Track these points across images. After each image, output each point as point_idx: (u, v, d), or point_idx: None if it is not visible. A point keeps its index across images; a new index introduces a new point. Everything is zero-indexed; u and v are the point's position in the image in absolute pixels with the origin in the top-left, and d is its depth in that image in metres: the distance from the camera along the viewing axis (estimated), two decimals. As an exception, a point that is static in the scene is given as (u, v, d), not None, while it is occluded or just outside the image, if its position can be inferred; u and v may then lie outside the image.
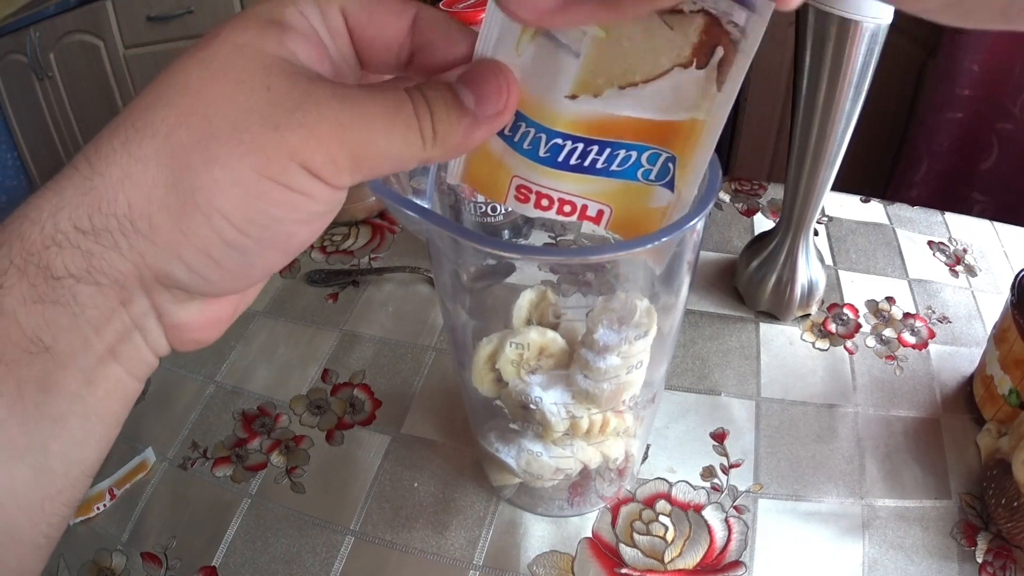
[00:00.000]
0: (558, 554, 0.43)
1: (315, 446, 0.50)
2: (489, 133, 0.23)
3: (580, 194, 0.25)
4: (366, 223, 0.68)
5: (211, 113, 0.19)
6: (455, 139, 0.22)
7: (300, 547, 0.44)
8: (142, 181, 0.19)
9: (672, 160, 0.24)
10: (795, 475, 0.47)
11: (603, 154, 0.24)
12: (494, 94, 0.22)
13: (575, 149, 0.24)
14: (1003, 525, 0.43)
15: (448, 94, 0.22)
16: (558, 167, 0.25)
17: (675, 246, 0.26)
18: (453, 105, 0.21)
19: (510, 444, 0.39)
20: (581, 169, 0.25)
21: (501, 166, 0.25)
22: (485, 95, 0.22)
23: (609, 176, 0.25)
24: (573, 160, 0.24)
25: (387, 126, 0.20)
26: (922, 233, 0.66)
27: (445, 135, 0.21)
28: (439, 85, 0.22)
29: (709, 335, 0.56)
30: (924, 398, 0.52)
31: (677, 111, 0.23)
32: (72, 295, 0.19)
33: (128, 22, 1.70)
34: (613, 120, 0.23)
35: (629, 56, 0.22)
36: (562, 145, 0.24)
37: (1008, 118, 1.05)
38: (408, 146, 0.21)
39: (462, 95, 0.22)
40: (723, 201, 0.69)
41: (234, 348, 0.57)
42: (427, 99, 0.21)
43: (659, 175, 0.24)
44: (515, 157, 0.25)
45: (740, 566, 0.42)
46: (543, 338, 0.35)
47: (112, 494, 0.48)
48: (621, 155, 0.24)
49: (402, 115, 0.21)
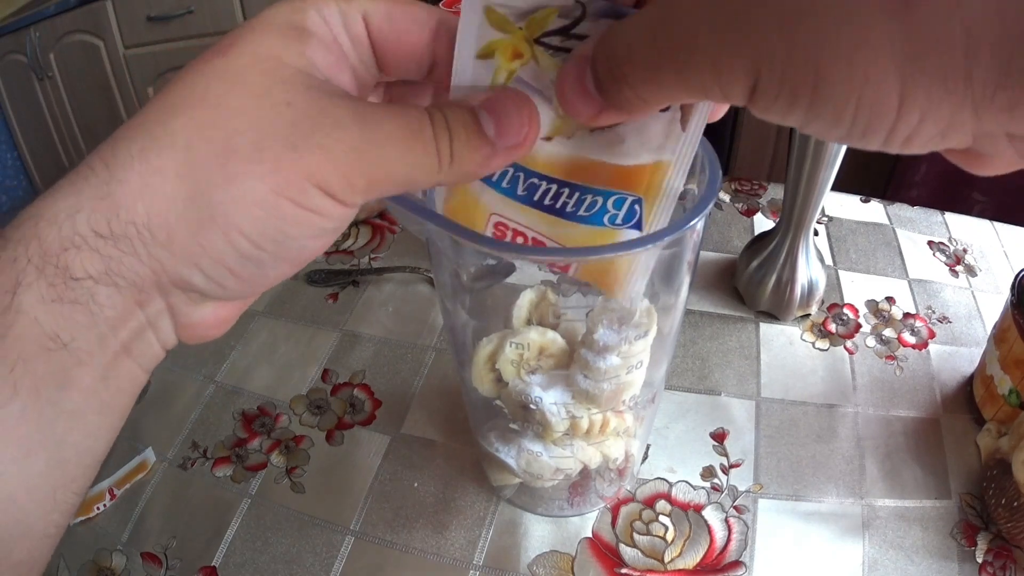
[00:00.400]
0: (558, 554, 0.43)
1: (315, 446, 0.50)
2: (505, 163, 0.23)
3: (552, 237, 0.25)
4: (366, 223, 0.68)
5: (231, 128, 0.19)
6: (471, 167, 0.22)
7: (300, 547, 0.44)
8: (161, 192, 0.19)
9: (638, 202, 0.24)
10: (795, 475, 0.47)
11: (572, 197, 0.25)
12: (516, 126, 0.22)
13: (549, 190, 0.25)
14: (1003, 525, 0.43)
15: (470, 119, 0.21)
16: (534, 206, 0.25)
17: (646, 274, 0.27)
18: (473, 132, 0.21)
19: (510, 444, 0.39)
20: (553, 211, 0.25)
21: (478, 204, 0.26)
22: (506, 126, 0.22)
23: (577, 222, 0.25)
24: (547, 200, 0.25)
25: (404, 150, 0.20)
26: (922, 233, 0.66)
27: (461, 161, 0.21)
28: (461, 110, 0.22)
29: (709, 335, 0.56)
30: (924, 398, 0.52)
31: (642, 154, 0.23)
32: (91, 295, 0.19)
33: (128, 22, 1.70)
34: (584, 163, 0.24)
35: None
36: (538, 184, 0.25)
37: (1008, 118, 1.04)
38: (423, 170, 0.21)
39: (483, 122, 0.22)
40: (723, 201, 0.69)
41: (234, 348, 0.57)
42: (448, 123, 0.21)
43: (625, 218, 0.25)
44: (493, 195, 0.25)
45: (740, 566, 0.42)
46: (543, 338, 0.35)
47: (112, 494, 0.48)
48: (588, 200, 0.25)
49: (420, 139, 0.21)
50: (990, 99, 0.13)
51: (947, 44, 0.13)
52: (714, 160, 0.29)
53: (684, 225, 0.26)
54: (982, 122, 0.14)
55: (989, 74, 0.13)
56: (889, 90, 0.14)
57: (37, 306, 0.18)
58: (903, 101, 0.14)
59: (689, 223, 0.26)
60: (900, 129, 0.14)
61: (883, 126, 0.14)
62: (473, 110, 0.22)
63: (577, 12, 0.20)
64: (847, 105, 0.14)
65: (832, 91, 0.14)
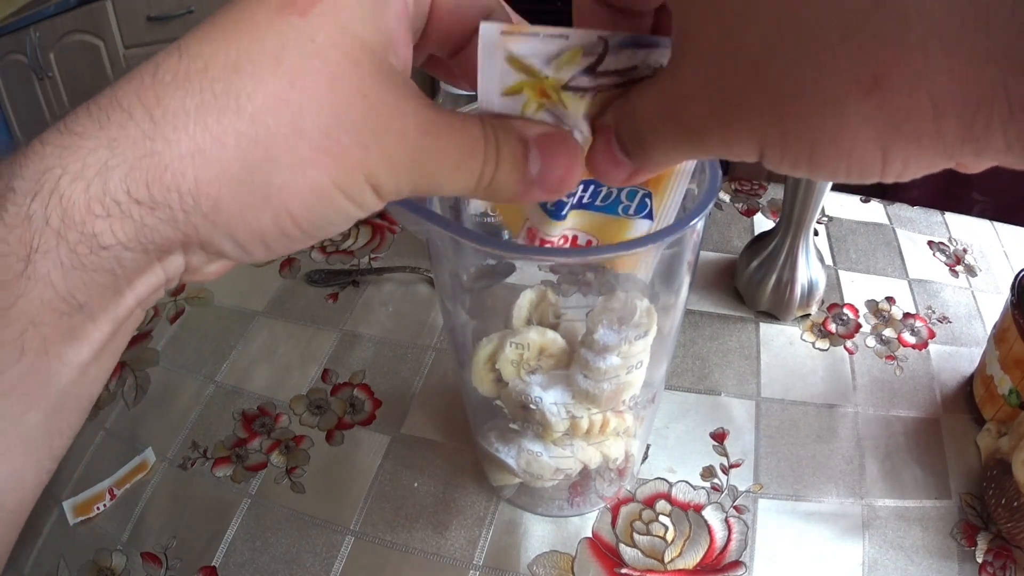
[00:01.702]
0: (558, 554, 0.43)
1: (315, 446, 0.50)
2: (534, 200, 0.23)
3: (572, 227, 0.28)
4: (366, 223, 0.68)
5: (303, 108, 0.18)
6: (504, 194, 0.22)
7: (300, 547, 0.44)
8: (216, 162, 0.17)
9: (648, 196, 0.26)
10: (795, 475, 0.47)
11: (588, 191, 0.26)
12: (560, 172, 0.22)
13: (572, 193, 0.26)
14: (1003, 525, 0.43)
15: (520, 154, 0.21)
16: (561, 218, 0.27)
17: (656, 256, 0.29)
18: (519, 167, 0.21)
19: (510, 444, 0.39)
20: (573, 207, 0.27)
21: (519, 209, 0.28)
22: (551, 170, 0.22)
23: (595, 210, 0.27)
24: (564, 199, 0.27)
25: (455, 168, 0.21)
26: (922, 233, 0.66)
27: (497, 189, 0.22)
28: (514, 141, 0.21)
29: (709, 335, 0.56)
30: (924, 398, 0.52)
31: None
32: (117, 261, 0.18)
33: (128, 22, 1.70)
34: None
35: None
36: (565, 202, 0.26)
37: (1008, 118, 1.04)
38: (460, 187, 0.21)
39: (531, 159, 0.22)
40: (723, 201, 0.69)
41: (234, 348, 0.57)
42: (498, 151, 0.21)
43: (638, 209, 0.27)
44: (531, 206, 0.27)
45: (740, 566, 0.42)
46: (543, 338, 0.35)
47: (112, 494, 0.48)
48: (603, 192, 0.26)
49: (473, 161, 0.21)
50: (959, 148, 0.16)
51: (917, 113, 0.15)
52: (714, 160, 0.29)
53: (684, 225, 0.26)
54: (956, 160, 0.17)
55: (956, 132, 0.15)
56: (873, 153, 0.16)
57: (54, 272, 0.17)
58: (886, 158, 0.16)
59: (689, 223, 0.26)
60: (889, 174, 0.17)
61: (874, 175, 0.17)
62: (526, 143, 0.22)
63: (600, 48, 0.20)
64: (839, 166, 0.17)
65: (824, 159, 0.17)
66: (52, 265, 0.17)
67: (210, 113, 0.17)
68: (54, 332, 0.18)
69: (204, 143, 0.17)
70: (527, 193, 0.22)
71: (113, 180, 0.17)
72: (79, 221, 0.17)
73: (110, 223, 0.17)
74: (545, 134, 0.22)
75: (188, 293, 0.62)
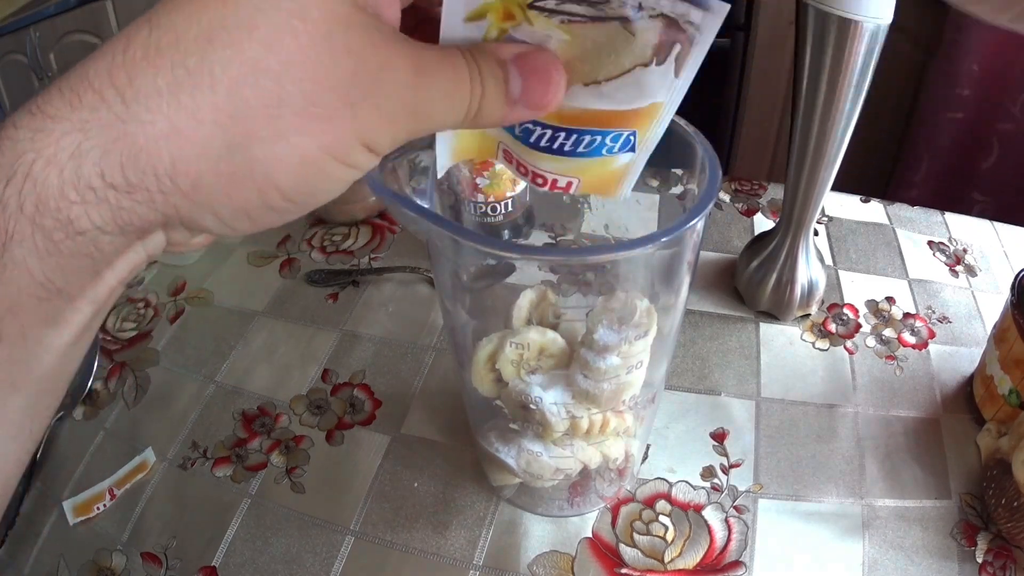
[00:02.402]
0: (558, 554, 0.43)
1: (315, 446, 0.50)
2: (521, 120, 0.23)
3: (551, 171, 0.27)
4: (366, 223, 0.68)
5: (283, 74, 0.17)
6: (491, 120, 0.22)
7: (300, 547, 0.44)
8: (192, 140, 0.17)
9: (633, 134, 0.26)
10: (795, 475, 0.47)
11: (570, 139, 0.25)
12: (541, 88, 0.22)
13: (544, 134, 0.25)
14: (1003, 525, 0.43)
15: (500, 76, 0.21)
16: (531, 147, 0.26)
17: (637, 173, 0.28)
18: (501, 89, 0.21)
19: (510, 444, 0.39)
20: (551, 151, 0.26)
21: (486, 136, 0.27)
22: (533, 87, 0.22)
23: (577, 156, 0.26)
24: (543, 143, 0.26)
25: (448, 105, 0.20)
26: (922, 233, 0.66)
27: (484, 116, 0.21)
28: (493, 64, 0.21)
29: (709, 335, 0.56)
30: (924, 398, 0.52)
31: (638, 100, 0.24)
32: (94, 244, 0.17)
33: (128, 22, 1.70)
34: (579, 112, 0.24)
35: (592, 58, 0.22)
36: (532, 130, 0.25)
37: (1008, 118, 1.05)
38: (452, 121, 0.21)
39: (512, 79, 0.21)
40: (723, 201, 0.69)
41: (234, 348, 0.57)
42: (481, 77, 0.21)
43: (621, 147, 0.26)
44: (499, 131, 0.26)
45: (740, 566, 0.42)
46: (543, 338, 0.35)
47: (112, 494, 0.48)
48: (587, 139, 0.25)
49: (463, 93, 0.20)
50: None
51: None
52: (714, 160, 0.29)
53: (684, 225, 0.26)
54: None
55: None
56: None
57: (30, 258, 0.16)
58: None
59: (689, 223, 0.26)
60: None
61: None
62: (504, 64, 0.21)
63: None
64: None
65: None
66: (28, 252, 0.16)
67: (184, 90, 0.17)
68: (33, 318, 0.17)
69: (179, 122, 0.17)
70: (512, 114, 0.22)
71: (87, 165, 0.16)
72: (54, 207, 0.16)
73: (85, 208, 0.17)
74: (521, 52, 0.22)
75: (188, 293, 0.62)
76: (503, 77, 0.21)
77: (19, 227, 0.16)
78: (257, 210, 0.19)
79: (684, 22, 0.21)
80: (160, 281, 0.64)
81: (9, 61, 1.89)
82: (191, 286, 0.63)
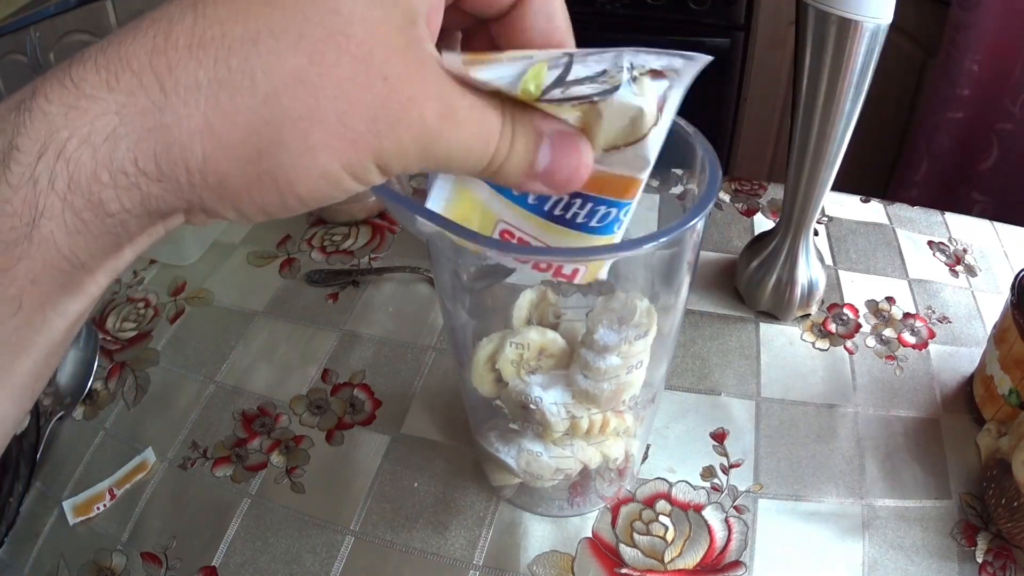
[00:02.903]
0: (558, 554, 0.43)
1: (315, 446, 0.50)
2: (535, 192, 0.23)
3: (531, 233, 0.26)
4: (366, 223, 0.68)
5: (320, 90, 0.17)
6: (506, 182, 0.22)
7: (300, 547, 0.44)
8: (226, 141, 0.17)
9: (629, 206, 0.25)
10: (795, 475, 0.47)
11: (584, 208, 0.25)
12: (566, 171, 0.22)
13: (561, 200, 0.25)
14: (1003, 525, 0.43)
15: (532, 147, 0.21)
16: (543, 216, 0.26)
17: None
18: (529, 160, 0.21)
19: (510, 444, 0.39)
20: (564, 222, 0.26)
21: (486, 212, 0.26)
22: (559, 167, 0.22)
23: (588, 232, 0.26)
24: (557, 211, 0.25)
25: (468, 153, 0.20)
26: (922, 233, 0.66)
27: (501, 175, 0.21)
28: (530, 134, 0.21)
29: (709, 335, 0.56)
30: (924, 398, 0.52)
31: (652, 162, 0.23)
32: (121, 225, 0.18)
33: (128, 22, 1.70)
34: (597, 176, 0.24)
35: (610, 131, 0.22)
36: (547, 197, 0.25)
37: (1008, 118, 1.05)
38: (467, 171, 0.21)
39: (541, 153, 0.21)
40: (723, 201, 0.69)
41: (234, 348, 0.57)
42: (512, 140, 0.21)
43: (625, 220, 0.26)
44: (502, 203, 0.26)
45: (740, 566, 0.42)
46: (543, 338, 0.35)
47: (112, 494, 0.48)
48: (601, 211, 0.25)
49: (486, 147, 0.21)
50: None
51: None
52: (714, 160, 0.29)
53: (684, 225, 0.26)
54: None
55: None
56: None
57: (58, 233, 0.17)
58: None
59: (689, 223, 0.26)
60: None
61: None
62: (540, 137, 0.21)
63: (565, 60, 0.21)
64: None
65: None
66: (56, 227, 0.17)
67: (224, 89, 0.17)
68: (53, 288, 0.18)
69: (215, 121, 0.17)
70: (529, 183, 0.22)
71: (121, 150, 0.16)
72: (85, 188, 0.16)
73: (116, 192, 0.17)
74: (561, 131, 0.22)
75: (188, 293, 0.62)
76: (534, 148, 0.21)
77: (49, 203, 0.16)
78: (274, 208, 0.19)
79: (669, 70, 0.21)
80: (160, 281, 0.64)
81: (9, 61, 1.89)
82: (191, 286, 0.63)
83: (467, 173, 0.21)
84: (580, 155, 0.22)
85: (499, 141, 0.21)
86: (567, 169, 0.22)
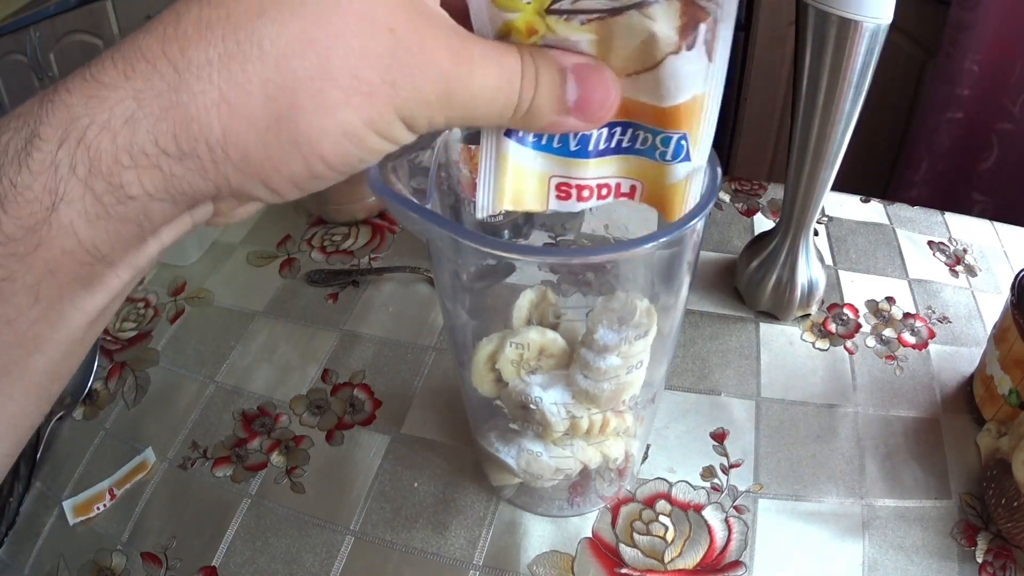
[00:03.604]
0: (558, 554, 0.43)
1: (315, 446, 0.50)
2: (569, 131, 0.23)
3: (613, 174, 0.26)
4: (366, 223, 0.68)
5: (329, 49, 0.17)
6: (540, 122, 0.22)
7: (300, 547, 0.44)
8: (243, 111, 0.17)
9: (684, 138, 0.25)
10: (795, 475, 0.47)
11: (626, 134, 0.25)
12: (597, 101, 0.22)
13: (601, 134, 0.25)
14: (1003, 525, 0.43)
15: (558, 81, 0.21)
16: (589, 156, 0.25)
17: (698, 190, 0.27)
18: (557, 95, 0.21)
19: (510, 444, 0.39)
20: (609, 151, 0.25)
21: (535, 174, 0.26)
22: (588, 99, 0.22)
23: (635, 154, 0.25)
24: (601, 145, 0.25)
25: (491, 99, 0.20)
26: (922, 233, 0.66)
27: (534, 118, 0.21)
28: (553, 68, 0.21)
29: (709, 335, 0.56)
30: (924, 398, 0.52)
31: (678, 95, 0.23)
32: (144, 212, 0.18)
33: (128, 22, 1.70)
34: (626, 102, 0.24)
35: (621, 54, 0.22)
36: (589, 134, 0.25)
37: (1008, 118, 1.05)
38: (497, 116, 0.21)
39: (568, 87, 0.21)
40: (723, 201, 0.69)
41: (234, 348, 0.57)
42: (537, 79, 0.21)
43: (675, 154, 0.25)
44: (548, 159, 0.25)
45: (740, 566, 0.42)
46: (543, 338, 0.35)
47: (112, 494, 0.48)
48: (640, 136, 0.25)
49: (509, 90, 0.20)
50: None
51: None
52: (714, 160, 0.29)
53: (684, 225, 0.26)
54: None
55: None
56: None
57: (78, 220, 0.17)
58: None
59: (689, 223, 0.26)
60: None
61: None
62: (564, 71, 0.21)
63: None
64: None
65: None
66: (76, 214, 0.17)
67: (234, 61, 0.17)
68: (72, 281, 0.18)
69: (229, 92, 0.17)
70: (563, 122, 0.22)
71: (140, 131, 0.17)
72: (106, 171, 0.17)
73: (137, 173, 0.17)
74: (582, 63, 0.22)
75: (188, 293, 0.62)
76: (560, 82, 0.21)
77: (70, 188, 0.16)
78: (304, 179, 0.19)
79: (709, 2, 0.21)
80: (160, 281, 0.64)
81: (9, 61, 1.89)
82: (191, 286, 0.63)
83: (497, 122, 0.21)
84: (607, 82, 0.22)
85: (523, 81, 0.21)
86: (598, 98, 0.22)
